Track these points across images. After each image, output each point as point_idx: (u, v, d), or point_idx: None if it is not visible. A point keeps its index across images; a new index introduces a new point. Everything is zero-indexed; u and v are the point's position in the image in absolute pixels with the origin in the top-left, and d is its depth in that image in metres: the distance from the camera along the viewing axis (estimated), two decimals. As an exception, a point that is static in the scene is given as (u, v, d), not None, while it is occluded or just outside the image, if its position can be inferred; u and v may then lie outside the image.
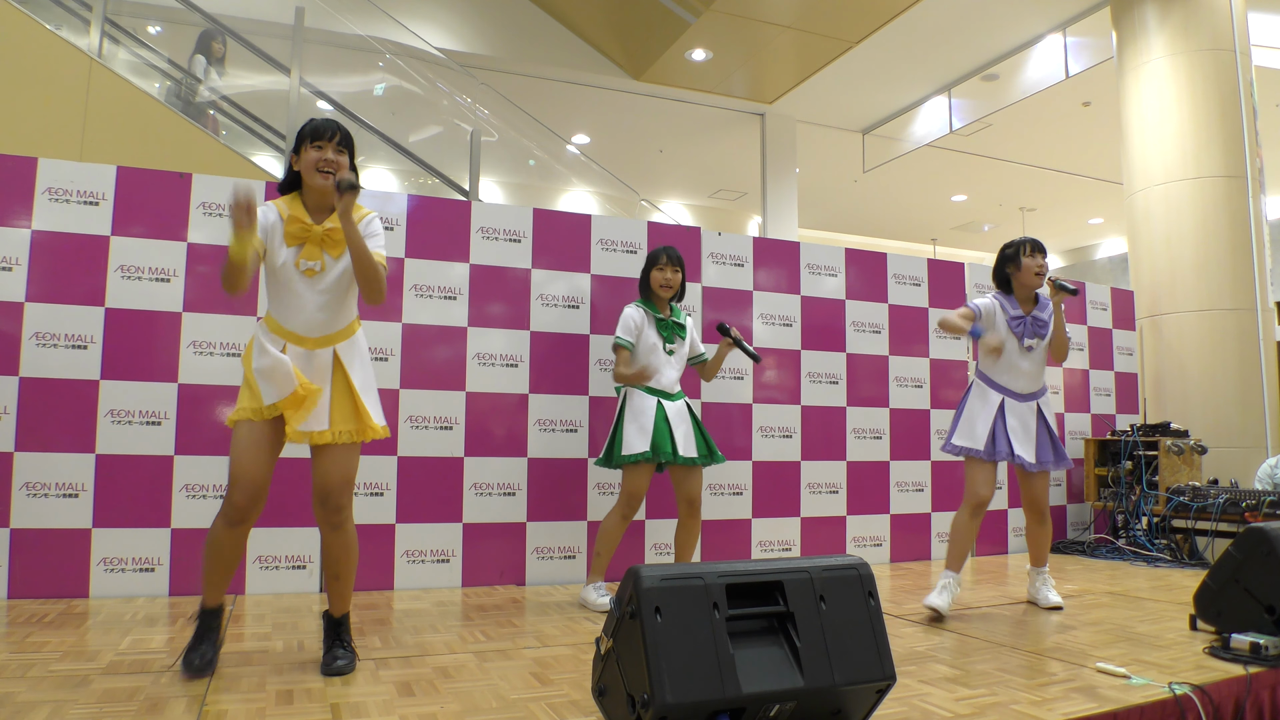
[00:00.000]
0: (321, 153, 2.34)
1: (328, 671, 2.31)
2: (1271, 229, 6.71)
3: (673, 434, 3.31)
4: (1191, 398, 5.59)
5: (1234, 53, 5.76)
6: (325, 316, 2.37)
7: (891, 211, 12.54)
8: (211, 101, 5.53)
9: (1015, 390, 3.38)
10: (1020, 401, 3.37)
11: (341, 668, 2.33)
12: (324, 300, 2.36)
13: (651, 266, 3.47)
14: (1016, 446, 3.29)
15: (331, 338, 2.39)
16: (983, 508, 3.32)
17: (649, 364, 3.34)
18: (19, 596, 3.17)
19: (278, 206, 2.37)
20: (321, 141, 2.34)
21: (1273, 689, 2.37)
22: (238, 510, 2.26)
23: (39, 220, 3.35)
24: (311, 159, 2.34)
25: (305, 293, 2.34)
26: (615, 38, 8.14)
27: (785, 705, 1.74)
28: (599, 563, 3.35)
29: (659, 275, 3.44)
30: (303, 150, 2.36)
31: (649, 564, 2.90)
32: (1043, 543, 3.47)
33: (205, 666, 2.25)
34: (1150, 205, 5.87)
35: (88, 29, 4.91)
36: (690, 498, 3.41)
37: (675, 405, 3.39)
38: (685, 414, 3.42)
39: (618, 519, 3.34)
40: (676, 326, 3.49)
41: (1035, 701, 2.15)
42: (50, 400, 3.28)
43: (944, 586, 3.24)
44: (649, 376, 3.32)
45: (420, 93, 6.59)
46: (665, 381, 3.40)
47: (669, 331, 3.47)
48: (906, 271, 4.92)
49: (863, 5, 7.01)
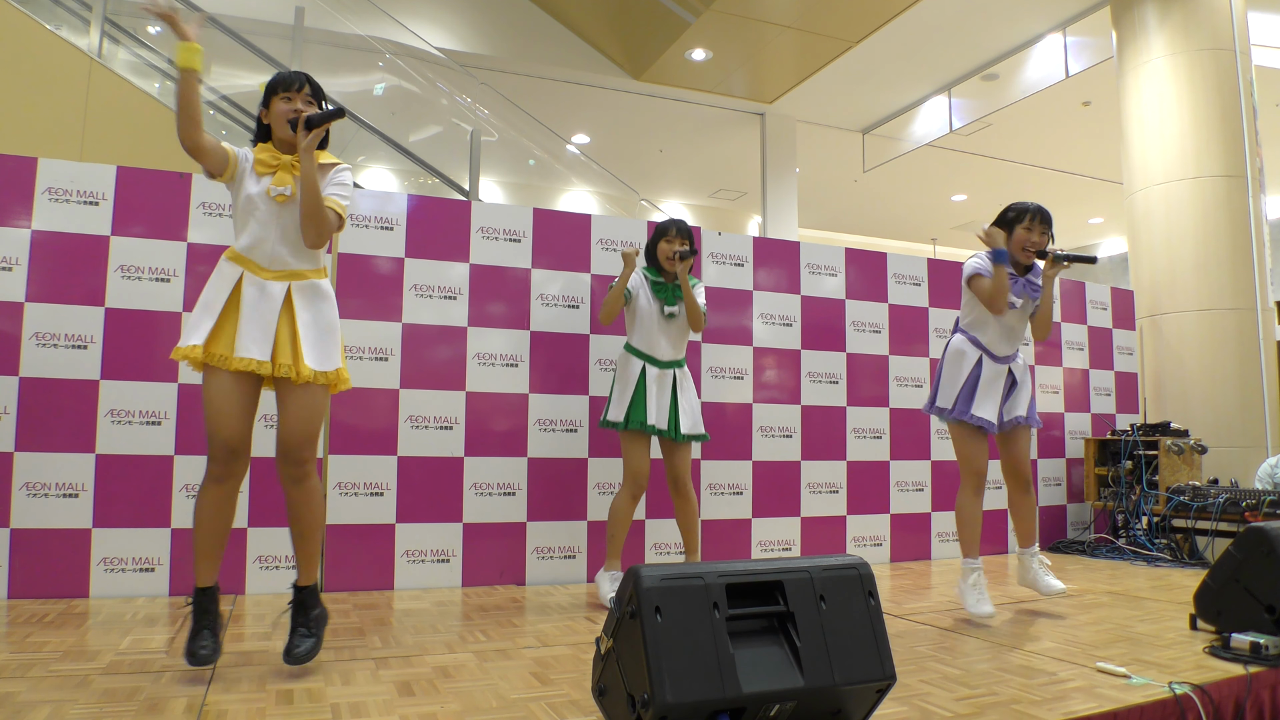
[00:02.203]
0: (290, 104, 2.32)
1: (290, 659, 2.24)
2: (1271, 229, 6.70)
3: (647, 402, 3.27)
4: (1191, 397, 5.59)
5: (1234, 52, 5.76)
6: (286, 249, 2.31)
7: (891, 211, 12.53)
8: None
9: (994, 351, 3.21)
10: (996, 363, 3.20)
11: (301, 655, 2.25)
12: (286, 230, 2.31)
13: (660, 238, 3.42)
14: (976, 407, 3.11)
15: (289, 274, 2.32)
16: (983, 480, 3.15)
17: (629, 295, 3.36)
18: (19, 596, 3.17)
19: (252, 151, 2.37)
20: (290, 93, 2.32)
21: (1273, 689, 2.37)
22: (218, 466, 2.21)
23: (39, 220, 3.35)
24: (281, 110, 2.32)
25: (269, 221, 2.30)
26: (615, 37, 8.14)
27: (785, 705, 1.74)
28: (613, 546, 3.33)
29: (666, 247, 3.39)
30: (272, 102, 2.34)
31: (649, 564, 2.90)
32: (1028, 515, 3.28)
33: (211, 655, 2.19)
34: (1150, 205, 5.87)
35: (88, 29, 4.92)
36: (674, 475, 3.36)
37: (657, 372, 3.34)
38: (667, 384, 3.35)
39: (626, 498, 3.31)
40: (677, 289, 3.43)
41: (1035, 701, 2.15)
42: (50, 400, 3.28)
43: (974, 584, 3.09)
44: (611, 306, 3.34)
45: (420, 93, 6.59)
46: (659, 349, 3.36)
47: (667, 293, 3.41)
48: (906, 271, 4.92)
49: (863, 5, 7.01)
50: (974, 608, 3.08)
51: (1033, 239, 3.19)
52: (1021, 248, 3.21)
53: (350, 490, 3.63)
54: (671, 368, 3.40)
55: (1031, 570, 3.30)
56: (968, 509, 3.18)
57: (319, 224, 2.28)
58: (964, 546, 3.20)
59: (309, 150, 2.26)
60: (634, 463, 3.30)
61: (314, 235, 2.29)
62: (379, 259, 3.80)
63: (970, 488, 3.17)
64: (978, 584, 3.12)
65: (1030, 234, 3.20)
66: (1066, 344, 5.43)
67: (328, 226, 2.30)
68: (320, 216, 2.27)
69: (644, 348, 3.39)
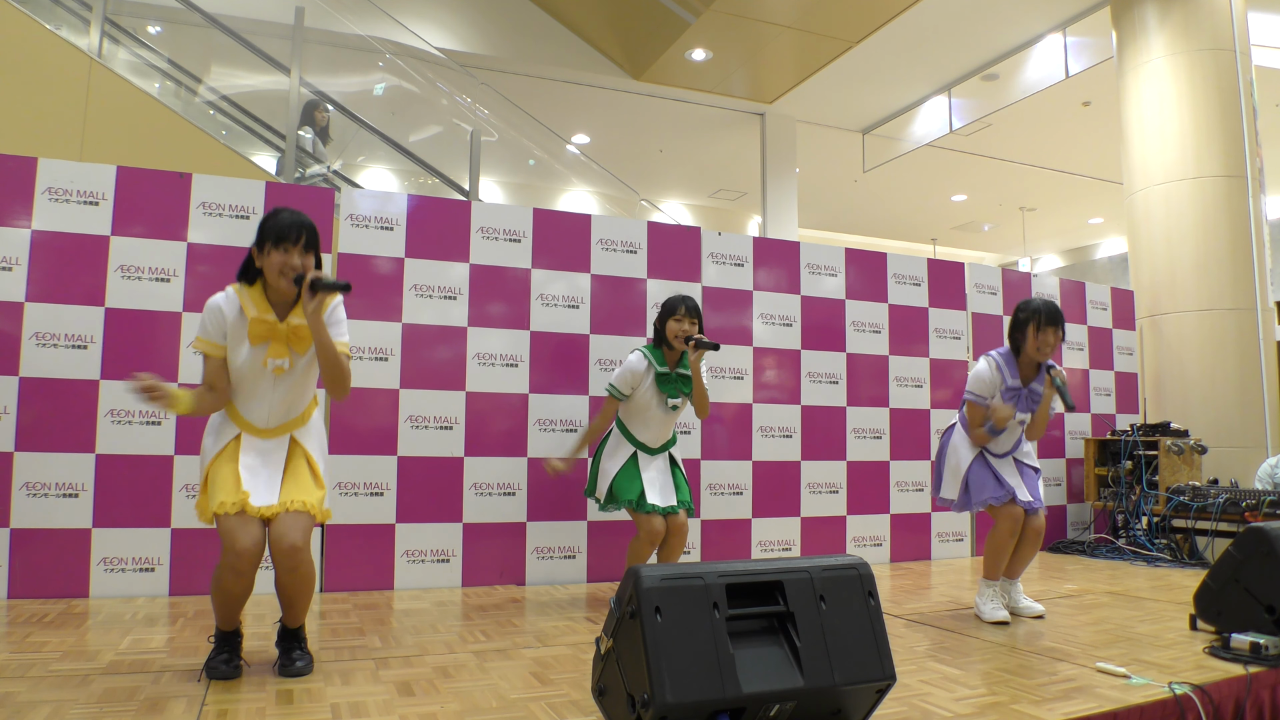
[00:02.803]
0: (287, 257, 2.24)
1: (286, 673, 2.28)
2: (1271, 229, 6.71)
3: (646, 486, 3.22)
4: (1191, 397, 5.59)
5: (1234, 53, 5.76)
6: (287, 407, 2.34)
7: (891, 211, 12.54)
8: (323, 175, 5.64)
9: (992, 450, 3.29)
10: (999, 458, 3.28)
11: (301, 669, 2.30)
12: (286, 393, 2.33)
13: (669, 316, 3.28)
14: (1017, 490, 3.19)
15: (289, 425, 2.35)
16: (1019, 525, 3.18)
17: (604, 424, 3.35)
18: (19, 596, 3.17)
19: (239, 299, 2.29)
20: (286, 244, 2.24)
21: (1273, 689, 2.37)
22: (239, 573, 2.18)
23: (39, 220, 3.35)
24: (276, 263, 2.24)
25: (269, 389, 2.31)
26: (615, 38, 8.14)
27: (785, 705, 1.74)
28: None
29: (675, 326, 3.25)
30: (266, 249, 2.26)
31: (649, 564, 2.90)
32: (1028, 560, 3.32)
33: (232, 672, 2.24)
34: (1150, 205, 5.87)
35: (88, 29, 4.92)
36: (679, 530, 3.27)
37: (651, 457, 3.31)
38: (663, 462, 3.33)
39: (644, 544, 3.22)
40: (682, 380, 3.33)
41: (1035, 701, 2.15)
42: (50, 400, 3.28)
43: (993, 596, 3.17)
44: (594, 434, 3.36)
45: (420, 93, 6.59)
46: (650, 437, 3.32)
47: (672, 386, 3.31)
48: (906, 271, 4.92)
49: (863, 5, 7.01)
50: (985, 614, 3.14)
51: (1048, 340, 3.14)
52: (1036, 349, 3.16)
53: (350, 490, 3.63)
54: (665, 450, 3.37)
55: (1013, 596, 3.32)
56: (1000, 545, 3.19)
57: (340, 382, 2.30)
58: (989, 570, 3.22)
59: (318, 315, 2.23)
60: (652, 528, 3.20)
61: (340, 390, 2.31)
62: (379, 259, 3.80)
63: (1007, 531, 3.18)
64: (995, 596, 3.20)
65: (1043, 337, 3.14)
66: (1066, 344, 5.43)
67: (348, 376, 2.32)
68: (340, 375, 2.29)
69: (636, 435, 3.33)
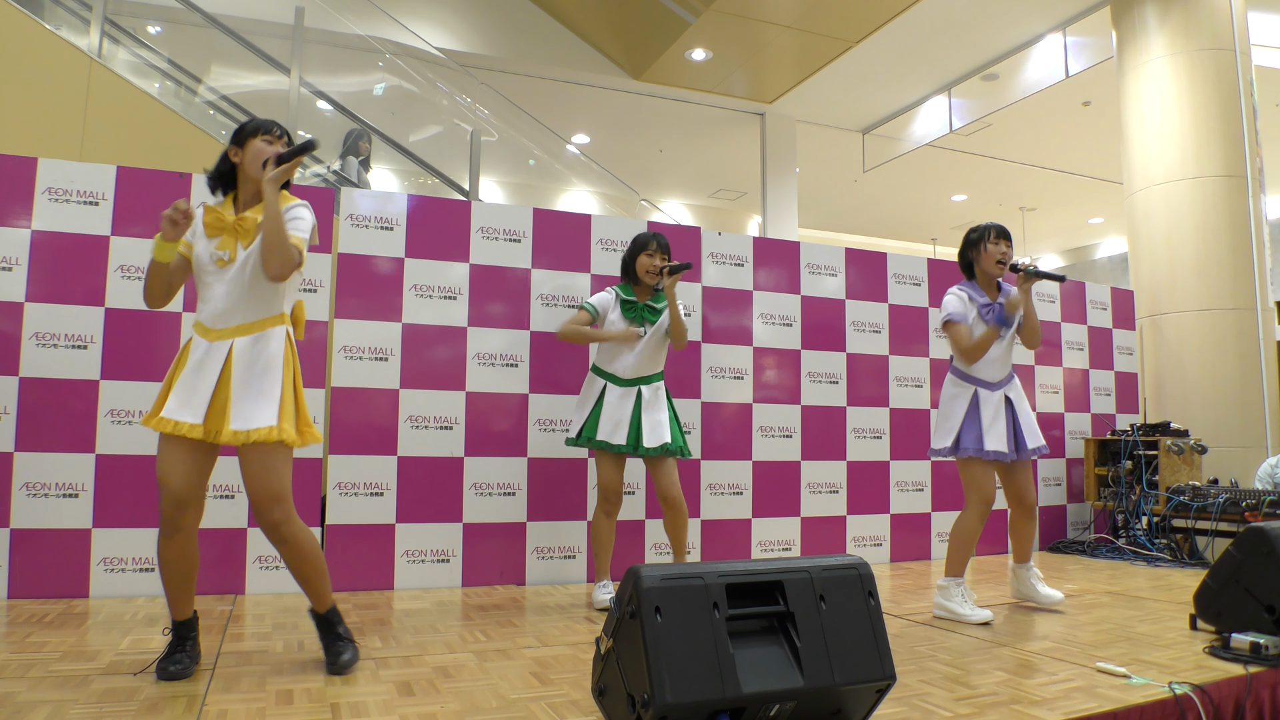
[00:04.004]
0: (272, 146, 2.31)
1: (334, 670, 2.30)
2: (1271, 229, 6.71)
3: (601, 419, 3.24)
4: (1191, 397, 5.59)
5: (1234, 52, 5.76)
6: (229, 306, 2.28)
7: (891, 211, 12.54)
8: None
9: (986, 379, 3.27)
10: (991, 391, 3.27)
11: (347, 662, 2.32)
12: (229, 289, 2.28)
13: (639, 251, 3.35)
14: (989, 441, 3.18)
15: (235, 330, 2.28)
16: (990, 508, 3.20)
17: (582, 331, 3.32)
18: (19, 596, 3.17)
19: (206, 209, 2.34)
20: (270, 136, 2.32)
21: (1273, 689, 2.37)
22: (167, 521, 2.20)
23: (39, 220, 3.35)
24: (261, 149, 2.30)
25: (214, 283, 2.29)
26: (615, 38, 8.14)
27: (785, 705, 1.74)
28: (599, 564, 3.35)
29: (647, 261, 3.33)
30: (248, 143, 2.31)
31: (649, 564, 2.91)
32: (1029, 536, 3.34)
33: (180, 673, 2.22)
34: (1150, 205, 5.86)
35: (88, 29, 4.92)
36: (658, 490, 3.30)
37: (620, 390, 3.30)
38: (630, 400, 3.29)
39: (601, 516, 3.33)
40: (649, 311, 3.36)
41: (1035, 701, 2.15)
42: (50, 400, 3.28)
43: (962, 597, 3.13)
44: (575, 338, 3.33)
45: (420, 93, 6.59)
46: (620, 367, 3.32)
47: (638, 313, 3.33)
48: (906, 271, 4.92)
49: (863, 5, 7.01)
50: (971, 616, 3.10)
51: (1001, 249, 3.27)
52: (995, 260, 3.27)
53: (350, 490, 3.63)
54: (637, 385, 3.33)
55: (1029, 583, 3.36)
56: (969, 533, 3.21)
57: (281, 256, 2.21)
58: (953, 565, 3.22)
59: (274, 182, 2.24)
60: (602, 477, 3.30)
61: (275, 267, 2.22)
62: (379, 259, 3.80)
63: (977, 515, 3.21)
64: (965, 595, 3.16)
65: (998, 246, 3.28)
66: (1066, 344, 5.43)
67: (289, 260, 2.23)
68: (282, 249, 2.22)
69: (606, 366, 3.35)
